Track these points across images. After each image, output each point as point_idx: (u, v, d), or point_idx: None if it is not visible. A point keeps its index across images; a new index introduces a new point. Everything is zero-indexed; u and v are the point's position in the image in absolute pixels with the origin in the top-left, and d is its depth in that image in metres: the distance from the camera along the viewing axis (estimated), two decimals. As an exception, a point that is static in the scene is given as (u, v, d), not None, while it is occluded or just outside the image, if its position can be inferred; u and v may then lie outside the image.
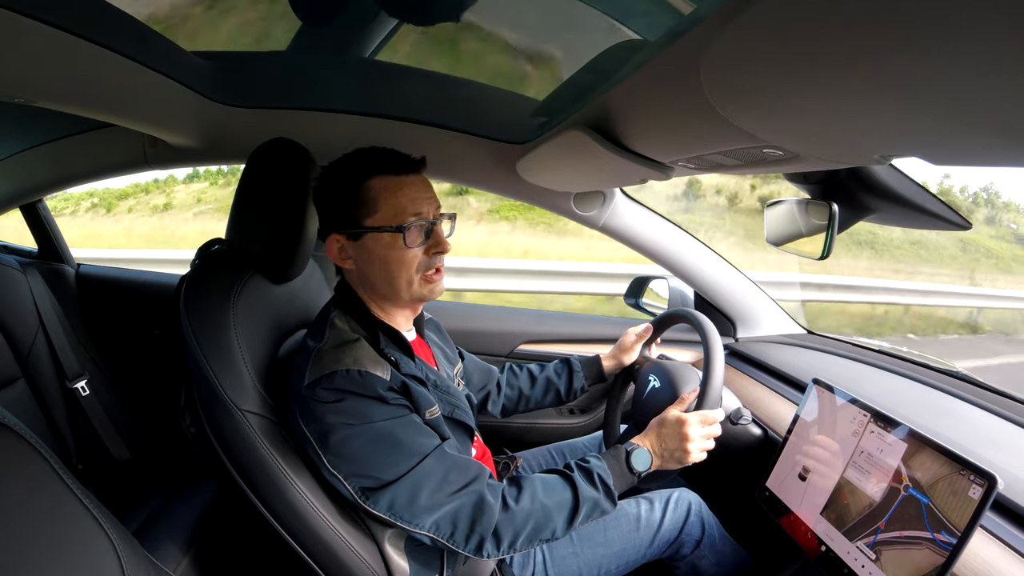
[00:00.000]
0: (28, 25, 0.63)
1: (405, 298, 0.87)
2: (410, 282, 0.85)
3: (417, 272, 0.85)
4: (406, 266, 0.84)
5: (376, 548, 0.86)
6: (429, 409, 0.83)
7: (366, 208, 0.82)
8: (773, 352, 1.40)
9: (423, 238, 0.84)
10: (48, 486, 0.54)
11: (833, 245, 0.91)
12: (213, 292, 0.86)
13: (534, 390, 1.21)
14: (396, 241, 0.82)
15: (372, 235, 0.82)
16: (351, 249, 0.85)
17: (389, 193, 0.82)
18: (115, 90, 0.90)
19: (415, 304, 0.91)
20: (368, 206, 0.82)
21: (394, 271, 0.84)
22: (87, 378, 1.38)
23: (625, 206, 1.40)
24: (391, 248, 0.82)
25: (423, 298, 0.88)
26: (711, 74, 0.48)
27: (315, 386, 0.77)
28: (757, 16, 0.36)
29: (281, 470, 0.81)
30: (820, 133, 0.53)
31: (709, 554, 1.04)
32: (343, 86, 1.23)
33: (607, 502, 0.85)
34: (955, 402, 1.02)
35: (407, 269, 0.84)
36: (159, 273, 1.74)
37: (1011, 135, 0.38)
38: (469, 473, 0.80)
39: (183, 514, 1.17)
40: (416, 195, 0.84)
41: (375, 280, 0.86)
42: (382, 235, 0.82)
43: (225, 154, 1.35)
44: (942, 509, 0.67)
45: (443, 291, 0.90)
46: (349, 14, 0.96)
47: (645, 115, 0.72)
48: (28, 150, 1.40)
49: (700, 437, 0.90)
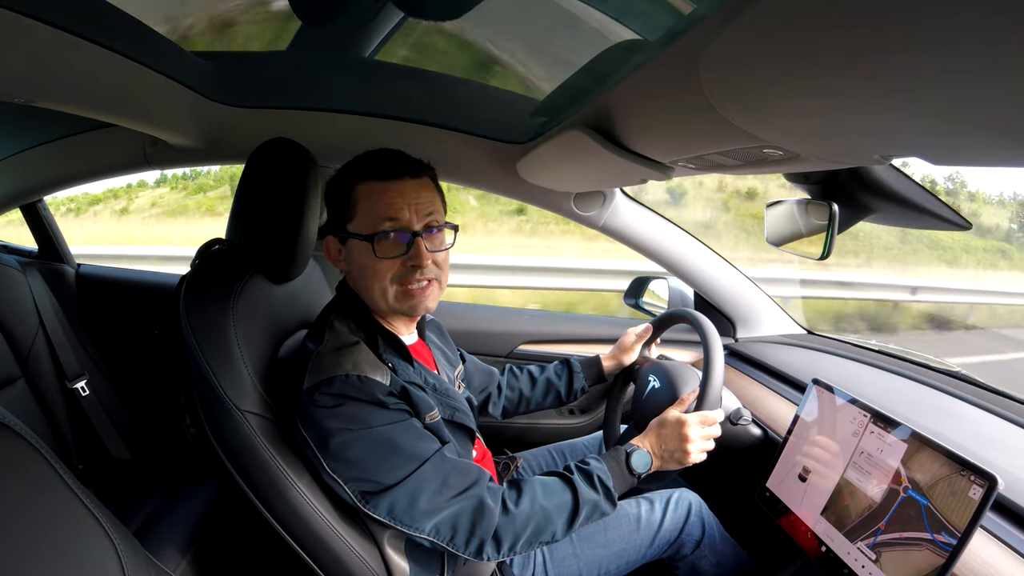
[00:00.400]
0: (28, 25, 0.63)
1: (383, 308, 0.85)
2: (384, 293, 0.82)
3: (392, 284, 0.82)
4: (378, 276, 0.81)
5: (376, 549, 0.86)
6: (429, 413, 0.83)
7: (348, 212, 0.82)
8: (773, 352, 1.40)
9: (402, 249, 0.80)
10: (48, 486, 0.54)
11: (833, 245, 0.91)
12: (213, 292, 0.85)
13: (534, 392, 1.21)
14: (368, 250, 0.80)
15: (352, 241, 0.83)
16: (342, 252, 0.86)
17: (367, 199, 0.81)
18: (115, 90, 0.90)
19: (396, 316, 0.88)
20: (350, 210, 0.82)
21: (367, 280, 0.82)
22: (87, 378, 1.38)
23: (625, 206, 1.40)
24: (365, 256, 0.81)
25: (404, 312, 0.85)
26: (711, 74, 0.48)
27: (314, 391, 0.77)
28: (757, 16, 0.36)
29: (281, 470, 0.81)
30: (820, 133, 0.53)
31: (709, 554, 1.04)
32: (343, 86, 1.23)
33: (607, 504, 0.85)
34: (955, 402, 1.02)
35: (379, 280, 0.81)
36: (159, 273, 1.74)
37: (1011, 135, 0.38)
38: (469, 477, 0.80)
39: (183, 514, 1.17)
40: (398, 201, 0.80)
41: (357, 287, 0.86)
42: (360, 242, 0.81)
43: (225, 154, 1.35)
44: (942, 510, 0.67)
45: (431, 308, 0.86)
46: (349, 14, 0.96)
47: (645, 115, 0.72)
48: (28, 150, 1.40)
49: (700, 438, 0.90)
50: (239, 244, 0.93)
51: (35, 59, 0.71)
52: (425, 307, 0.84)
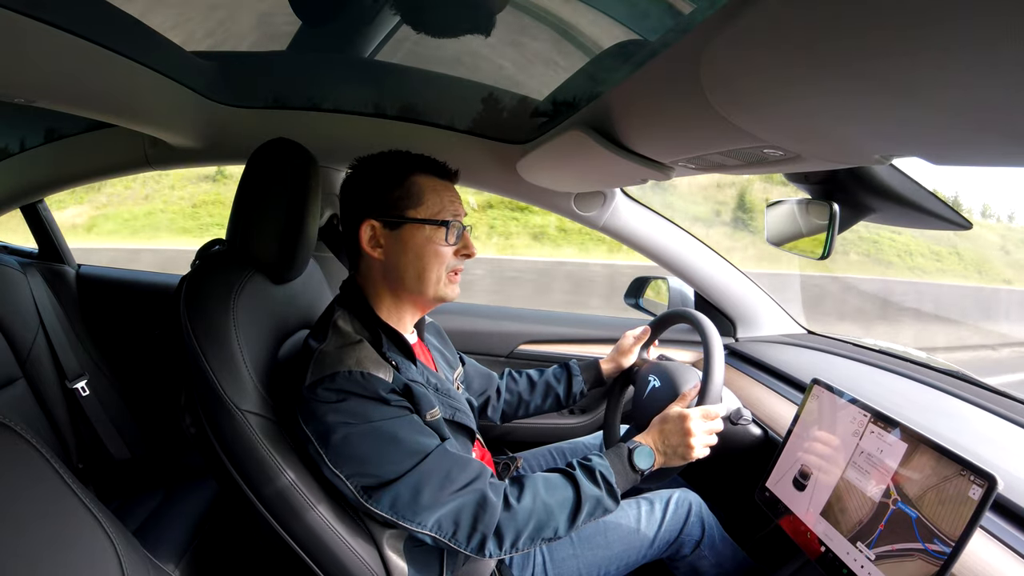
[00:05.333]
0: (28, 25, 0.63)
1: (430, 295, 0.88)
2: (439, 279, 0.87)
3: (446, 270, 0.87)
4: (439, 260, 0.86)
5: (375, 549, 0.86)
6: (430, 411, 0.83)
7: (411, 200, 0.85)
8: (773, 352, 1.40)
9: (456, 238, 0.88)
10: (48, 486, 0.54)
11: (834, 245, 0.91)
12: (213, 292, 0.85)
13: (533, 395, 1.21)
14: (436, 235, 0.85)
15: (412, 226, 0.85)
16: (384, 238, 0.86)
17: (434, 191, 0.86)
18: (115, 90, 0.90)
19: (433, 304, 0.92)
20: (413, 198, 0.85)
21: (428, 265, 0.85)
22: (87, 378, 1.38)
23: (625, 206, 1.40)
24: (429, 241, 0.85)
25: (444, 298, 0.89)
26: (711, 74, 0.48)
27: (316, 387, 0.77)
28: (757, 16, 0.36)
29: (281, 470, 0.81)
30: (820, 133, 0.53)
31: (709, 555, 1.04)
32: (343, 86, 1.23)
33: (609, 500, 0.85)
34: (955, 402, 1.02)
35: (439, 264, 0.86)
36: (159, 273, 1.74)
37: (1012, 135, 0.38)
38: (471, 471, 0.80)
39: (183, 514, 1.17)
40: (454, 199, 0.89)
41: (404, 272, 0.86)
42: (423, 227, 0.85)
43: (225, 154, 1.35)
44: (932, 520, 0.68)
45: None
46: (349, 14, 0.96)
47: (645, 115, 0.72)
48: (28, 150, 1.40)
49: (703, 432, 0.90)
50: (239, 244, 0.93)
51: (35, 59, 0.71)
52: (457, 293, 0.91)
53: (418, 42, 1.02)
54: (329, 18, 0.97)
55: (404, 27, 0.97)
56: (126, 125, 1.12)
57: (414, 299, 0.89)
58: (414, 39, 1.00)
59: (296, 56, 1.09)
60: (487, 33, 0.88)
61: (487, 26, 0.87)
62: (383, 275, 0.88)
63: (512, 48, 0.99)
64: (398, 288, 0.88)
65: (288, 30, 0.99)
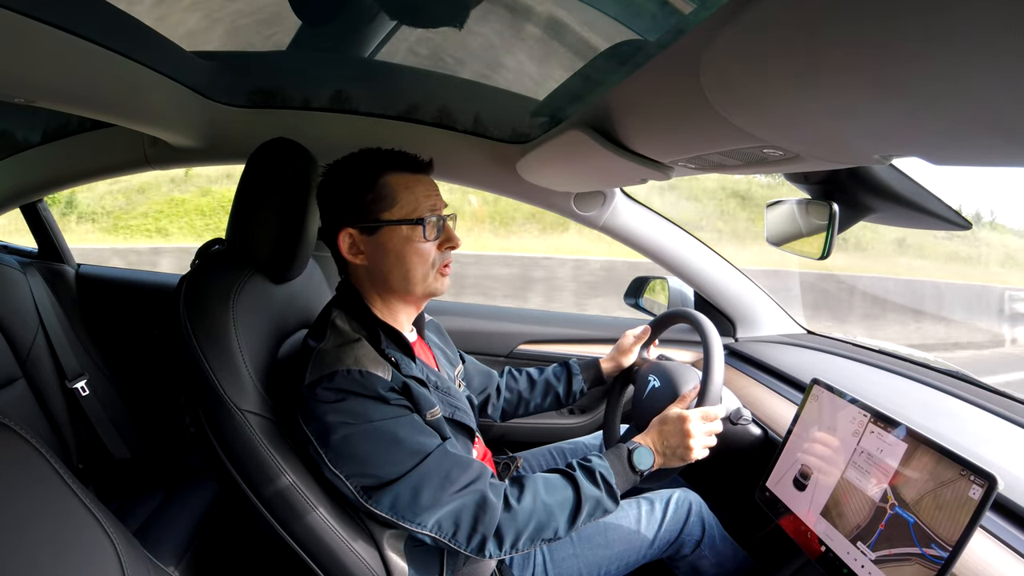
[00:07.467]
0: (28, 25, 0.63)
1: (419, 292, 0.87)
2: (425, 276, 0.86)
3: (432, 267, 0.86)
4: (422, 259, 0.85)
5: (375, 549, 0.86)
6: (430, 410, 0.83)
7: (384, 202, 0.84)
8: (773, 352, 1.40)
9: (436, 233, 0.86)
10: (48, 486, 0.54)
11: (834, 245, 0.91)
12: (213, 292, 0.85)
13: (533, 394, 1.21)
14: (414, 234, 0.84)
15: (389, 229, 0.84)
16: (364, 244, 0.85)
17: (406, 188, 0.84)
18: (115, 90, 0.90)
19: (424, 300, 0.91)
20: (386, 200, 0.84)
21: (411, 265, 0.85)
22: (87, 378, 1.38)
23: (625, 206, 1.40)
24: (409, 241, 0.84)
25: (435, 292, 0.89)
26: (711, 74, 0.48)
27: (315, 386, 0.77)
28: (757, 16, 0.36)
29: (281, 470, 0.81)
30: (820, 133, 0.53)
31: (709, 554, 1.04)
32: (343, 86, 1.23)
33: (609, 501, 0.85)
34: (955, 402, 1.02)
35: (423, 262, 0.85)
36: (159, 273, 1.74)
37: (1011, 135, 0.38)
38: (471, 472, 0.80)
39: (183, 514, 1.17)
40: (432, 191, 0.87)
41: (388, 274, 0.86)
42: (400, 228, 0.84)
43: (225, 154, 1.35)
44: (930, 524, 0.68)
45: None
46: (349, 14, 0.96)
47: (645, 115, 0.72)
48: (28, 150, 1.40)
49: (702, 433, 0.90)
50: (239, 244, 0.93)
51: (35, 59, 0.71)
52: (448, 286, 0.90)
53: (418, 42, 1.02)
54: (329, 18, 0.97)
55: (404, 27, 0.97)
56: (126, 125, 1.12)
57: (404, 298, 0.89)
58: (414, 39, 1.00)
59: (296, 56, 1.10)
60: (484, 31, 0.88)
61: (485, 24, 0.87)
62: (369, 280, 0.88)
63: (512, 48, 0.99)
64: (385, 291, 0.88)
65: (288, 30, 0.99)
